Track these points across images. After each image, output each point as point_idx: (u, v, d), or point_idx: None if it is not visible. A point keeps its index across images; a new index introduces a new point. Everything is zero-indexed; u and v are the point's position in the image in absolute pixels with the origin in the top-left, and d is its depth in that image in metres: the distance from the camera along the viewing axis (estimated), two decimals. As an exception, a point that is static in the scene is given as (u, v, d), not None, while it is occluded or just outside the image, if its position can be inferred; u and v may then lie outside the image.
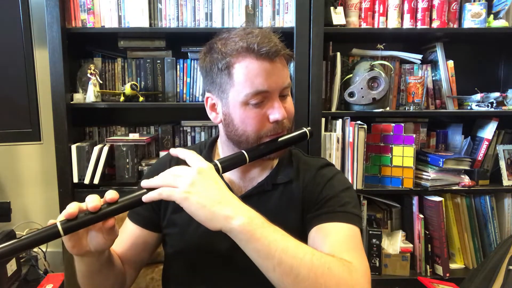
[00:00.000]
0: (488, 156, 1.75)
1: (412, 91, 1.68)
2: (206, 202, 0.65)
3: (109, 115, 1.82)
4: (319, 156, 0.96)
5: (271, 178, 0.87)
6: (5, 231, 1.50)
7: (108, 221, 0.68)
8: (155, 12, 1.64)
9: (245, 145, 0.81)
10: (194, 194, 0.66)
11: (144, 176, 0.96)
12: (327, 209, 0.81)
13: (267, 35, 0.79)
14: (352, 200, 0.83)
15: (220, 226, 0.65)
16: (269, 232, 0.65)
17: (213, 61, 0.81)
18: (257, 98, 0.77)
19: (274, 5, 1.64)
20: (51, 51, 1.54)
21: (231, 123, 0.81)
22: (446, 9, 1.67)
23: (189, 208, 0.66)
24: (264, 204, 0.84)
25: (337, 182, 0.86)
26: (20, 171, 1.89)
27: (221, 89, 0.81)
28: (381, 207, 1.79)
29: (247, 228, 0.64)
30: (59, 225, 0.64)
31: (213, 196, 0.66)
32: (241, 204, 0.68)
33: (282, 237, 0.65)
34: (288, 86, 0.81)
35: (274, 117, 0.79)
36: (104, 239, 0.69)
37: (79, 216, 0.65)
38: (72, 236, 0.67)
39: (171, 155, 0.93)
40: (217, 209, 0.65)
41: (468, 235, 1.72)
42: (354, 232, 0.78)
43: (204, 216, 0.65)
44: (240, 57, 0.77)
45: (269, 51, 0.76)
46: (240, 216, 0.65)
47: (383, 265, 1.66)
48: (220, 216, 0.65)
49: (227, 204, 0.66)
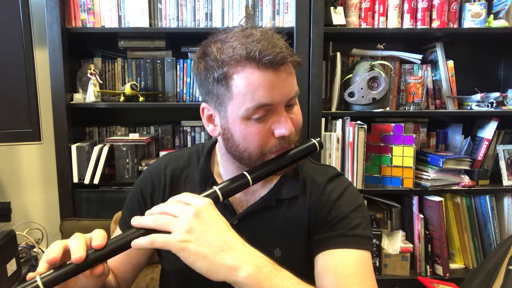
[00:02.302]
0: (488, 156, 1.75)
1: (412, 91, 1.68)
2: (206, 251, 0.58)
3: (109, 115, 1.82)
4: (326, 164, 0.90)
5: (275, 193, 0.80)
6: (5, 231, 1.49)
7: (96, 268, 0.60)
8: (155, 12, 1.64)
9: (248, 161, 0.73)
10: (192, 243, 0.58)
11: (136, 184, 0.89)
12: (336, 232, 0.75)
13: (270, 39, 0.68)
14: (363, 221, 0.76)
15: (223, 278, 0.58)
16: (278, 282, 0.59)
17: (208, 69, 0.70)
18: (259, 113, 0.68)
19: (274, 5, 1.64)
20: (51, 51, 1.54)
21: (231, 138, 0.72)
22: (446, 9, 1.67)
23: (187, 259, 0.58)
24: (268, 222, 0.78)
25: (346, 201, 0.78)
26: (20, 171, 1.89)
27: (218, 101, 0.71)
28: (381, 207, 1.79)
29: (254, 281, 0.58)
30: (39, 280, 0.57)
31: (214, 242, 0.58)
32: (246, 248, 0.60)
33: (291, 286, 0.60)
34: (295, 95, 0.72)
35: (280, 133, 0.70)
36: (94, 281, 0.63)
37: (63, 265, 0.59)
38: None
39: (164, 161, 0.88)
40: (220, 259, 0.58)
41: (468, 235, 1.72)
42: (364, 259, 0.73)
43: (205, 268, 0.58)
44: (239, 67, 0.67)
45: (273, 60, 0.65)
46: (245, 266, 0.58)
47: (383, 265, 1.66)
48: (223, 268, 0.58)
49: (230, 252, 0.59)
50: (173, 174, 0.85)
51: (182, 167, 0.86)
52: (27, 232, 1.74)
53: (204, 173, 0.83)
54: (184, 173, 0.86)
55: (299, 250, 0.66)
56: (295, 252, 0.63)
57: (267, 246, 0.64)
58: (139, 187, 0.87)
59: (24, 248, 1.67)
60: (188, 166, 0.86)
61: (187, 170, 0.86)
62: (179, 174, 0.86)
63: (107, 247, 0.61)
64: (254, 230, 0.75)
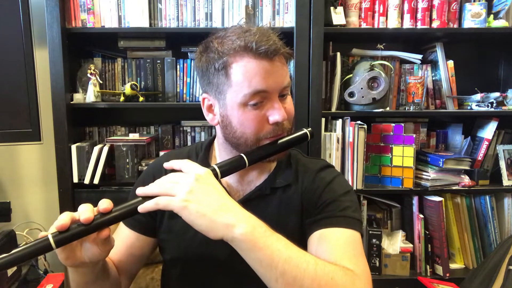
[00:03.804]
0: (488, 156, 1.75)
1: (412, 91, 1.68)
2: (206, 210, 0.63)
3: (109, 115, 1.82)
4: (318, 158, 0.94)
5: (269, 182, 0.85)
6: (5, 231, 1.50)
7: (102, 231, 0.65)
8: (155, 12, 1.64)
9: (244, 147, 0.79)
10: (193, 203, 0.63)
11: (138, 181, 0.94)
12: (327, 214, 0.79)
13: (266, 33, 0.75)
14: (352, 204, 0.81)
15: (221, 235, 0.62)
16: (272, 241, 0.63)
17: (209, 61, 0.77)
18: (255, 99, 0.74)
19: (274, 5, 1.64)
20: (51, 51, 1.54)
21: (229, 125, 0.78)
22: (446, 9, 1.67)
23: (188, 217, 0.63)
24: (263, 209, 0.83)
25: (336, 185, 0.84)
26: (20, 171, 1.89)
27: (218, 90, 0.78)
28: (381, 207, 1.79)
29: (250, 237, 0.62)
30: (50, 238, 0.61)
31: (213, 203, 0.64)
32: (242, 210, 0.65)
33: (285, 246, 0.64)
34: (288, 85, 0.79)
35: (274, 119, 0.76)
36: (99, 249, 0.66)
37: (72, 228, 0.62)
38: (65, 248, 0.64)
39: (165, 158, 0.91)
40: (218, 217, 0.62)
41: (468, 235, 1.72)
42: (354, 238, 0.76)
43: (204, 226, 0.62)
44: (238, 57, 0.74)
45: (268, 50, 0.73)
46: (242, 224, 0.62)
47: (383, 265, 1.66)
48: (221, 225, 0.62)
49: (228, 211, 0.63)
50: (173, 170, 0.86)
51: None
52: (27, 232, 1.74)
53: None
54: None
55: (293, 235, 0.69)
56: (289, 238, 0.66)
57: None
58: (141, 183, 0.88)
59: (24, 248, 1.66)
60: None
61: None
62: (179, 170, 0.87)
63: (114, 212, 0.65)
64: None
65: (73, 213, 0.64)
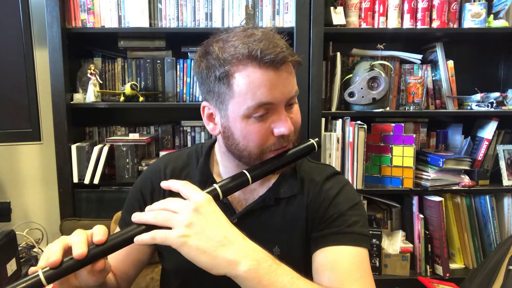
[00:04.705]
0: (488, 156, 1.75)
1: (412, 91, 1.68)
2: (206, 246, 0.58)
3: (109, 115, 1.82)
4: (325, 163, 0.91)
5: (273, 192, 0.81)
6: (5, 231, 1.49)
7: (97, 263, 0.61)
8: (155, 12, 1.64)
9: (247, 159, 0.74)
10: (192, 238, 0.58)
11: (135, 185, 0.90)
12: (333, 230, 0.75)
13: (272, 39, 0.69)
14: (360, 219, 0.77)
15: (224, 272, 0.59)
16: (277, 277, 0.60)
17: (210, 68, 0.71)
18: (260, 111, 0.69)
19: (274, 5, 1.64)
20: (51, 51, 1.54)
21: (231, 137, 0.73)
22: (446, 9, 1.67)
23: (188, 254, 0.59)
24: (266, 221, 0.79)
25: (343, 198, 0.79)
26: (20, 171, 1.89)
27: (219, 99, 0.72)
28: (381, 207, 1.79)
29: (254, 275, 0.58)
30: (41, 274, 0.58)
31: (214, 237, 0.59)
32: (245, 242, 0.61)
33: (291, 281, 0.61)
34: (295, 94, 0.73)
35: (279, 131, 0.70)
36: (95, 277, 0.63)
37: (64, 261, 0.59)
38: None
39: (164, 161, 0.88)
40: (220, 253, 0.58)
41: (468, 235, 1.72)
42: (362, 257, 0.73)
43: (205, 263, 0.58)
44: (241, 66, 0.68)
45: (274, 59, 0.66)
46: (246, 260, 0.59)
47: (383, 265, 1.66)
48: (224, 261, 0.58)
49: (230, 245, 0.59)
50: (172, 174, 0.86)
51: (182, 167, 0.87)
52: (27, 232, 1.74)
53: (204, 172, 0.84)
54: (183, 173, 0.86)
55: (297, 247, 0.67)
56: (293, 250, 0.64)
57: (266, 244, 0.64)
58: (139, 187, 0.88)
59: (24, 248, 1.67)
60: (188, 166, 0.87)
61: (187, 170, 0.87)
62: (178, 173, 0.86)
63: (108, 243, 0.61)
64: (253, 228, 0.75)
65: (65, 241, 0.61)
